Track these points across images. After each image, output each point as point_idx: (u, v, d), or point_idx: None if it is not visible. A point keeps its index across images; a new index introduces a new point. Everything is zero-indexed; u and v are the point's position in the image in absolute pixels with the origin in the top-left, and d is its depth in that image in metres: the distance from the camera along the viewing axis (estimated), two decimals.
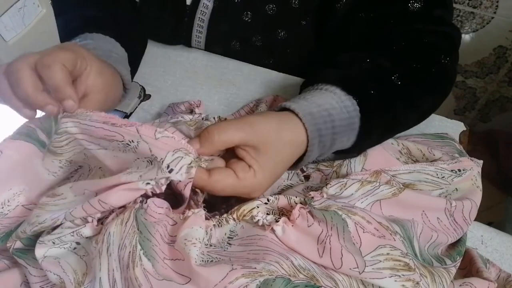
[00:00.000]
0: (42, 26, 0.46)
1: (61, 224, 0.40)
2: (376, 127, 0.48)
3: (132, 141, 0.38)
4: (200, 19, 0.69)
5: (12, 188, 0.46)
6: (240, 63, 0.70)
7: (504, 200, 1.24)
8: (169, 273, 0.36)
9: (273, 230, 0.39)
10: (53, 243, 0.40)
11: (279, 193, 0.46)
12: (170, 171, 0.37)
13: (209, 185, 0.40)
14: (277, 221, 0.40)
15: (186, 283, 0.35)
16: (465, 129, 0.62)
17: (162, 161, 0.37)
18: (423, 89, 0.53)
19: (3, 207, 0.46)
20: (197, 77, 0.68)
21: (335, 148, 0.47)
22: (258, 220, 0.40)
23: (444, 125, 0.62)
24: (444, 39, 0.56)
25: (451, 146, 0.55)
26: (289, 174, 0.50)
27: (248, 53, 0.70)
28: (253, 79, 0.68)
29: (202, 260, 0.37)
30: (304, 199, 0.42)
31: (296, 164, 0.46)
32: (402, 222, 0.42)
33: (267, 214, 0.41)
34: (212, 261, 0.38)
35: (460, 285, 0.43)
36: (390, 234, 0.39)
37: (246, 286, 0.34)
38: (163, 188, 0.39)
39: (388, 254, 0.38)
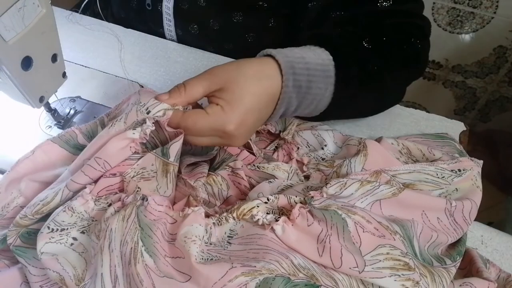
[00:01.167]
0: (42, 26, 0.46)
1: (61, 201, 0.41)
2: (352, 78, 0.50)
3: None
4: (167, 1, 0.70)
5: (13, 192, 0.46)
6: None
7: (504, 200, 1.24)
8: (170, 270, 0.36)
9: (273, 229, 0.39)
10: (48, 228, 0.40)
11: (279, 192, 0.46)
12: (148, 113, 0.42)
13: (183, 121, 0.42)
14: (277, 220, 0.40)
15: (187, 281, 0.35)
16: (465, 129, 0.62)
17: (144, 104, 0.42)
18: (395, 58, 0.54)
19: (2, 210, 0.46)
20: None
21: (313, 94, 0.47)
22: (258, 219, 0.40)
23: (444, 125, 0.62)
24: (415, 29, 0.58)
25: (451, 146, 0.55)
26: (289, 174, 0.50)
27: (207, 37, 0.71)
28: None
29: (202, 258, 0.37)
30: (304, 198, 0.42)
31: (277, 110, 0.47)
32: (402, 222, 0.42)
33: (267, 213, 0.41)
34: (212, 259, 0.38)
35: (460, 285, 0.43)
36: (390, 233, 0.39)
37: (246, 284, 0.34)
38: (148, 131, 0.42)
39: (388, 253, 0.38)
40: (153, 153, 0.43)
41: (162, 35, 0.76)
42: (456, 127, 0.62)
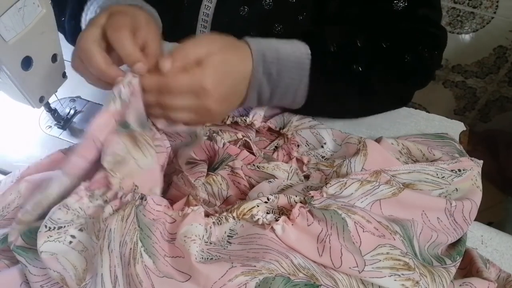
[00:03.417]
0: (42, 26, 0.46)
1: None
2: (329, 73, 0.51)
3: None
4: (205, 14, 0.69)
5: (12, 193, 0.46)
6: None
7: (504, 200, 1.24)
8: (170, 270, 0.36)
9: (273, 229, 0.39)
10: (45, 226, 0.39)
11: (279, 192, 0.46)
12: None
13: (162, 78, 0.43)
14: (276, 220, 0.40)
15: (186, 280, 0.35)
16: (465, 129, 0.62)
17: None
18: (388, 64, 0.54)
19: (3, 210, 0.46)
20: None
21: (285, 83, 0.50)
22: (258, 219, 0.40)
23: (444, 125, 0.62)
24: (427, 37, 0.57)
25: (451, 146, 0.55)
26: (289, 174, 0.50)
27: None
28: None
29: (202, 258, 0.37)
30: (304, 198, 0.42)
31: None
32: (402, 222, 0.42)
33: (267, 213, 0.41)
34: (212, 258, 0.38)
35: (460, 285, 0.42)
36: (390, 233, 0.39)
37: (246, 284, 0.34)
38: (127, 95, 0.42)
39: (387, 253, 0.38)
40: (116, 131, 0.43)
41: None
42: (456, 127, 0.62)
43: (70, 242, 0.40)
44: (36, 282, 0.40)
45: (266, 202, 0.42)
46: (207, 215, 0.42)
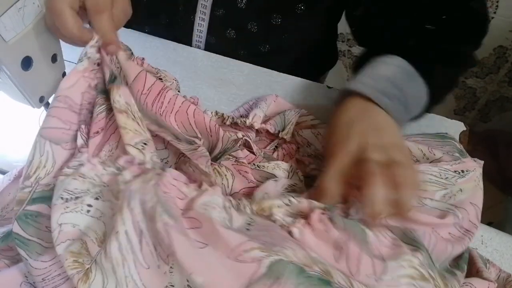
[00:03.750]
0: (42, 26, 0.46)
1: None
2: (432, 62, 0.52)
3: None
4: (203, 6, 0.69)
5: (10, 193, 0.46)
6: (241, 63, 0.70)
7: (504, 200, 1.25)
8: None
9: (290, 233, 0.39)
10: (62, 198, 0.39)
11: (284, 191, 0.46)
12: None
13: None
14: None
15: (204, 247, 0.35)
16: (465, 129, 0.62)
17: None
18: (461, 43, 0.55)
19: (2, 211, 0.46)
20: (197, 77, 0.68)
21: (411, 93, 0.50)
22: (277, 219, 0.40)
23: (444, 125, 0.62)
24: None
25: (451, 146, 0.54)
26: (289, 173, 0.50)
27: (244, 41, 0.71)
28: (253, 79, 0.68)
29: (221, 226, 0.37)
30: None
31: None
32: (413, 233, 0.42)
33: (287, 216, 0.40)
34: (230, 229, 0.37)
35: (460, 285, 0.42)
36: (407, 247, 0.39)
37: (260, 261, 0.34)
38: (93, 54, 0.44)
39: (410, 260, 0.38)
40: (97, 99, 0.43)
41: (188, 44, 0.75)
42: (456, 127, 0.62)
43: (88, 211, 0.40)
44: (38, 275, 0.40)
45: (288, 205, 0.41)
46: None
